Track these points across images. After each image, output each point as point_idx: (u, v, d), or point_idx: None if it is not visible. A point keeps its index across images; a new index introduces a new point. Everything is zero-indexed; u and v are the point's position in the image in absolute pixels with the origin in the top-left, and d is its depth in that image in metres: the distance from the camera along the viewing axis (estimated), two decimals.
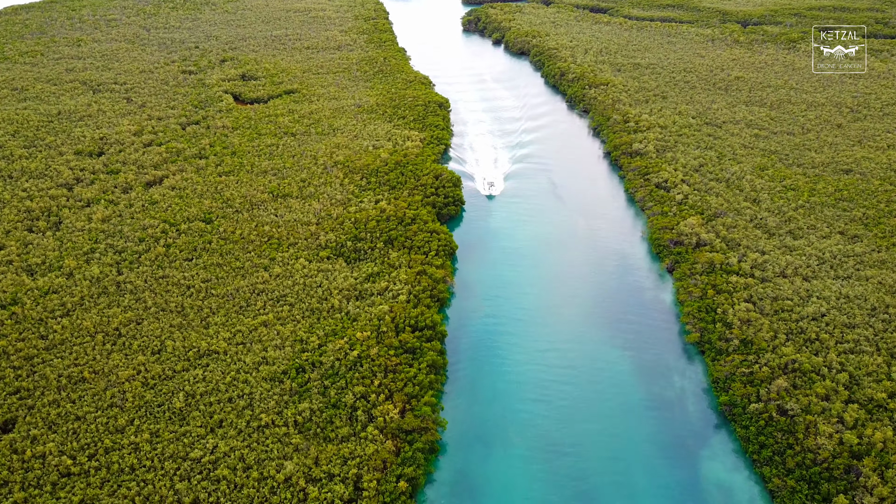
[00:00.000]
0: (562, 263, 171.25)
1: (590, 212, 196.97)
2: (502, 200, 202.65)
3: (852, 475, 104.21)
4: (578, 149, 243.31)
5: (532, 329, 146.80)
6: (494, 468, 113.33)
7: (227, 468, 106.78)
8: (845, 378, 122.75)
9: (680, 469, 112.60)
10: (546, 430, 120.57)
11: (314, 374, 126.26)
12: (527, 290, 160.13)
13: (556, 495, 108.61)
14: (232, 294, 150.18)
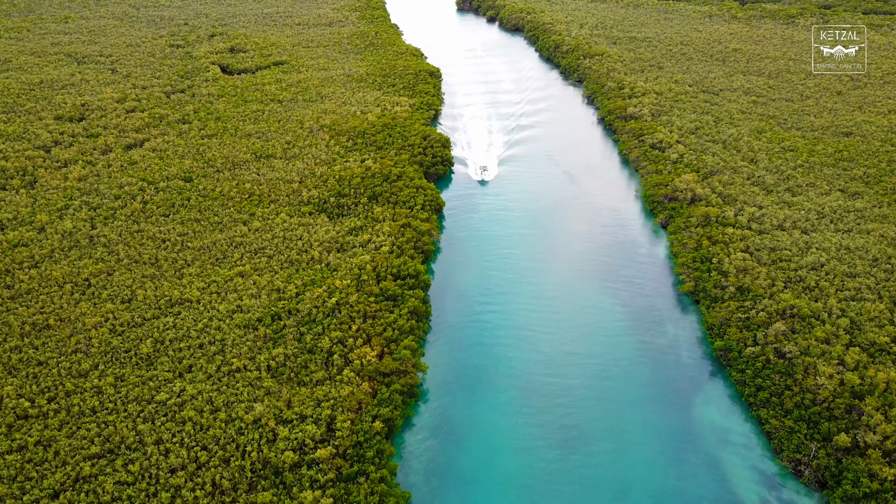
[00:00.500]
0: (552, 221, 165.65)
1: (583, 173, 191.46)
2: (496, 184, 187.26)
3: (854, 415, 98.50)
4: (572, 115, 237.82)
5: (521, 282, 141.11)
6: (478, 414, 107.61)
7: (194, 410, 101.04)
8: (846, 323, 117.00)
9: (673, 414, 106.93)
10: (533, 377, 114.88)
11: (290, 321, 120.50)
12: (516, 247, 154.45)
13: (542, 441, 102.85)
14: (208, 247, 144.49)
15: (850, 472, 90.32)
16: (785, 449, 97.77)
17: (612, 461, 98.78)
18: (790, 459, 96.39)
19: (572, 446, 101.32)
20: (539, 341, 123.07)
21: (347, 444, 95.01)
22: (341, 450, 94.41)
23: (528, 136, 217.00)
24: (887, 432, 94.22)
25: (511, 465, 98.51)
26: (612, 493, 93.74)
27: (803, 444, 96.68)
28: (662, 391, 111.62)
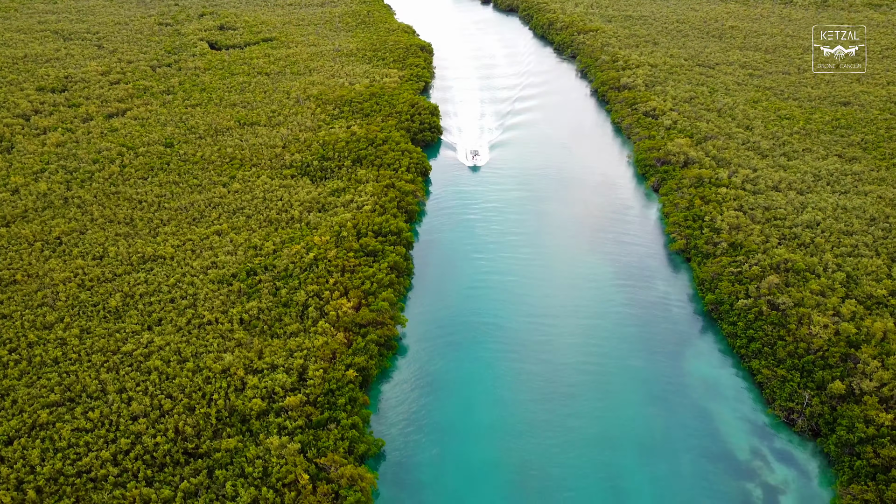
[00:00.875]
0: (541, 185, 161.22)
1: (574, 141, 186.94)
2: (488, 169, 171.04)
3: (850, 363, 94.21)
4: (564, 88, 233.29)
5: (508, 242, 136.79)
6: (459, 367, 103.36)
7: (160, 360, 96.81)
8: (842, 277, 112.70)
9: (662, 367, 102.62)
10: (518, 332, 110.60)
11: (266, 275, 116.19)
12: (505, 209, 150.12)
13: (526, 393, 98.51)
14: (185, 207, 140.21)
15: (844, 418, 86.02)
16: (777, 398, 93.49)
17: (598, 413, 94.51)
18: (782, 408, 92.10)
19: (557, 398, 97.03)
20: (526, 298, 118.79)
21: (318, 392, 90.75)
22: (312, 398, 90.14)
23: (521, 109, 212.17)
24: (884, 379, 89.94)
25: (492, 416, 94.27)
26: (597, 444, 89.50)
27: (796, 392, 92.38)
28: (651, 345, 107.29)
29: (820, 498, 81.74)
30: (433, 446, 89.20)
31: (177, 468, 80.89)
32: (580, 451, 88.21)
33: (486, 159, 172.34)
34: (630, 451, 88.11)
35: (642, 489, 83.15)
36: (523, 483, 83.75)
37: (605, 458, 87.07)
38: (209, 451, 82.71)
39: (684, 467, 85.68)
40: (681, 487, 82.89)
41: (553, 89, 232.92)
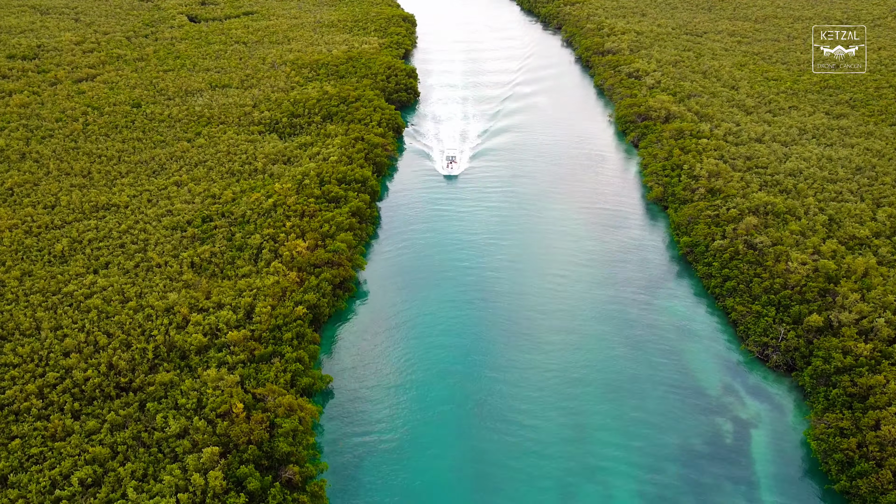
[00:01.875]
0: (516, 139, 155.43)
1: (554, 101, 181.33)
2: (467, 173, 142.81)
3: (828, 298, 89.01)
4: (549, 56, 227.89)
5: (481, 195, 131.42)
6: (419, 313, 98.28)
7: (101, 300, 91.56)
8: (824, 219, 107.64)
9: (633, 309, 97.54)
10: (485, 278, 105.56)
11: (222, 221, 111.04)
12: (478, 162, 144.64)
13: (487, 339, 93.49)
14: (146, 161, 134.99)
15: (821, 350, 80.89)
16: (751, 334, 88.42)
17: (564, 353, 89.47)
18: (757, 344, 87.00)
19: (522, 341, 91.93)
20: (494, 247, 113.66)
21: (264, 328, 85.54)
22: (257, 334, 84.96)
23: (502, 77, 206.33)
24: (864, 312, 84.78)
25: (450, 357, 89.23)
26: (561, 380, 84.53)
27: (771, 327, 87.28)
28: (623, 289, 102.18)
29: (793, 431, 76.71)
30: (386, 386, 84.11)
31: (107, 402, 75.77)
32: (543, 389, 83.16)
33: (462, 166, 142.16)
34: (596, 389, 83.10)
35: (607, 425, 78.13)
36: (481, 419, 78.60)
37: (570, 395, 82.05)
38: (142, 385, 77.55)
39: (651, 404, 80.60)
40: (647, 423, 77.78)
41: (537, 56, 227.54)
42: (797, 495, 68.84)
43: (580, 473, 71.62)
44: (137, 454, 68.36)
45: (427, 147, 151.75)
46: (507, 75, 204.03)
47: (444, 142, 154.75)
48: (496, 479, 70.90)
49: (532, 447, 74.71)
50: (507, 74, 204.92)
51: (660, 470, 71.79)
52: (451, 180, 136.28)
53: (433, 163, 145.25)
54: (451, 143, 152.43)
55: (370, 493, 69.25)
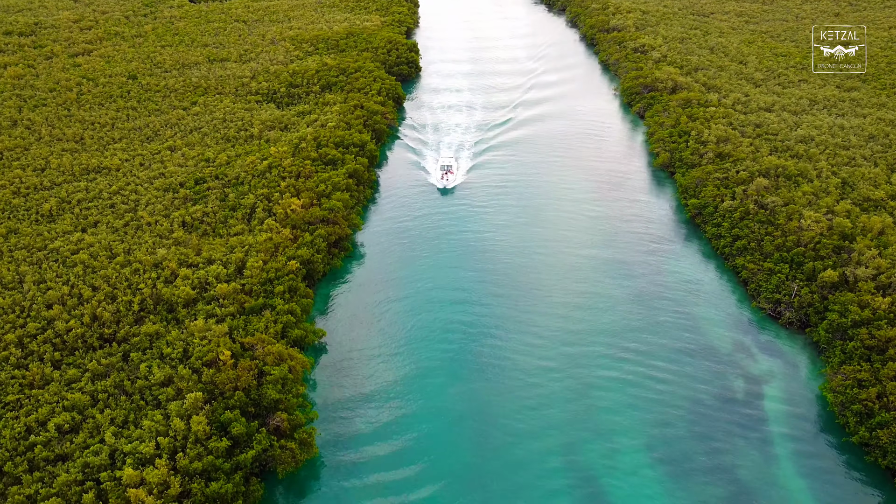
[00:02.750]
0: (519, 114, 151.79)
1: (557, 77, 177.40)
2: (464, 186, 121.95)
3: (843, 255, 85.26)
4: (552, 35, 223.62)
5: (484, 163, 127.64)
6: (417, 272, 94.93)
7: (88, 255, 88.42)
8: (837, 182, 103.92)
9: (640, 270, 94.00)
10: (485, 240, 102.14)
11: (215, 183, 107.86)
12: (479, 135, 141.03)
13: (489, 296, 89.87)
14: (140, 128, 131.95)
15: (837, 304, 77.20)
16: (763, 292, 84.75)
17: (567, 313, 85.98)
18: (768, 301, 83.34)
19: (526, 299, 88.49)
20: (495, 212, 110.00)
21: (255, 282, 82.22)
22: (247, 287, 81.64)
23: (505, 54, 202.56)
24: (881, 267, 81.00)
25: (449, 314, 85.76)
26: (565, 337, 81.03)
27: (784, 284, 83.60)
28: (629, 250, 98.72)
29: (807, 386, 73.10)
30: (382, 341, 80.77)
31: (89, 353, 72.55)
32: (546, 346, 79.56)
33: (459, 178, 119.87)
34: (601, 347, 79.53)
35: (612, 382, 74.55)
36: (481, 375, 75.12)
37: (574, 353, 78.44)
38: (127, 336, 74.32)
39: (658, 361, 76.99)
40: (654, 379, 74.24)
41: (540, 34, 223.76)
42: (813, 448, 65.27)
43: (584, 429, 68.17)
44: (118, 402, 65.11)
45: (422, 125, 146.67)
46: (510, 51, 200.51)
47: (441, 143, 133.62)
48: (497, 434, 67.46)
49: (534, 403, 71.25)
50: (510, 51, 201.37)
51: (668, 424, 68.28)
52: (447, 194, 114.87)
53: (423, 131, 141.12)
54: (447, 151, 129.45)
55: (363, 445, 65.89)
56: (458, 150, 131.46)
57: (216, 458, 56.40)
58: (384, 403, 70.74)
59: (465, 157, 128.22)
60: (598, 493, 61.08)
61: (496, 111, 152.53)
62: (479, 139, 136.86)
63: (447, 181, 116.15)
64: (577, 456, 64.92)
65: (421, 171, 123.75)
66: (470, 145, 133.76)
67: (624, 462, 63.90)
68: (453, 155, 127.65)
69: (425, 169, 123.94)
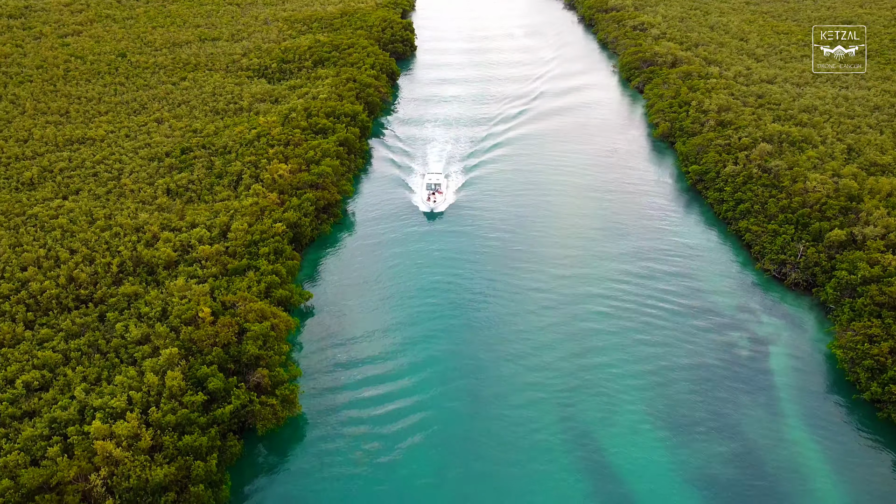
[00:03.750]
0: (515, 90, 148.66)
1: (554, 55, 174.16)
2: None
3: (851, 215, 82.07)
4: (549, 15, 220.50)
5: (479, 138, 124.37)
6: (410, 238, 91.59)
7: (67, 219, 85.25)
8: (843, 148, 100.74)
9: (639, 237, 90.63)
10: (481, 211, 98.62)
11: (202, 152, 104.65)
12: (477, 109, 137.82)
13: (484, 262, 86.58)
14: (127, 102, 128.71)
15: (845, 262, 74.00)
16: (767, 253, 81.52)
17: (565, 274, 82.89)
18: (773, 262, 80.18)
19: (521, 265, 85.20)
20: (491, 183, 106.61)
21: (239, 244, 79.02)
22: (231, 249, 78.44)
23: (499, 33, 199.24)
24: (891, 226, 77.83)
25: (442, 277, 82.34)
26: (560, 300, 77.86)
27: (789, 245, 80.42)
28: (628, 216, 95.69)
29: (814, 346, 69.96)
30: (371, 304, 77.61)
31: (63, 313, 69.30)
32: (540, 310, 76.38)
33: (449, 199, 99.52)
34: (598, 309, 76.29)
35: (611, 343, 71.43)
36: (473, 337, 71.92)
37: (570, 314, 75.31)
38: (104, 297, 71.11)
39: (659, 322, 73.95)
40: (654, 343, 71.08)
41: (537, 14, 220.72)
42: (822, 407, 62.10)
43: (581, 388, 64.93)
44: (92, 360, 61.91)
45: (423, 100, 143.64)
46: (508, 31, 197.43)
47: (428, 162, 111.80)
48: (489, 393, 64.26)
49: (528, 363, 68.00)
50: (506, 30, 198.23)
51: (668, 384, 65.12)
52: (434, 219, 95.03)
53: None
54: (435, 167, 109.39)
55: (348, 405, 62.67)
56: (452, 143, 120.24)
57: (191, 413, 53.20)
58: (372, 364, 67.58)
59: (463, 141, 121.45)
60: (595, 450, 57.92)
61: (492, 85, 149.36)
62: (476, 111, 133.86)
63: (434, 203, 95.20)
64: (573, 414, 61.76)
65: (420, 142, 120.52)
66: (468, 120, 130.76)
67: (623, 420, 60.75)
68: (442, 171, 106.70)
69: (410, 188, 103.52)
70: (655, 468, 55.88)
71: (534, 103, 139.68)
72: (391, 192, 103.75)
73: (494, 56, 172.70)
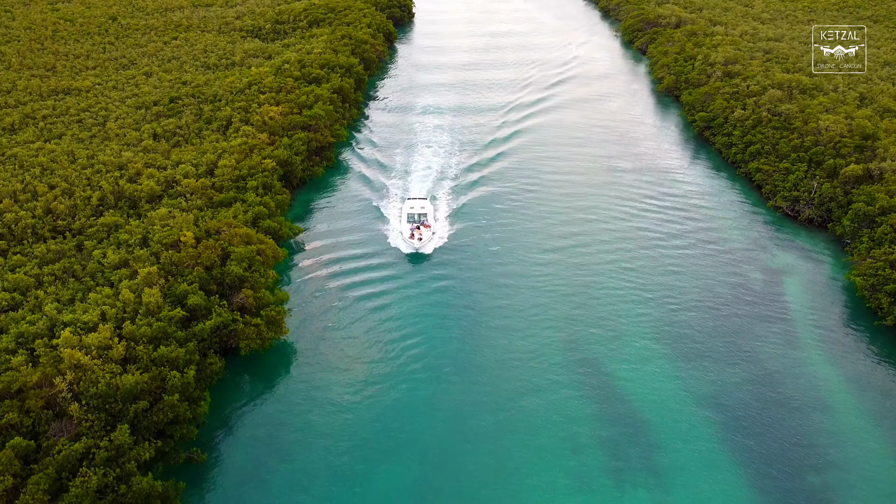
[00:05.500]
0: (518, 58, 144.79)
1: (553, 23, 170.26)
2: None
3: (867, 153, 78.46)
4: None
5: (479, 98, 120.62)
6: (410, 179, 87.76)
7: (48, 158, 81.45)
8: (855, 95, 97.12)
9: (645, 182, 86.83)
10: (483, 163, 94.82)
11: (191, 100, 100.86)
12: (477, 73, 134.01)
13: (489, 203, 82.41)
14: (116, 58, 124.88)
15: (863, 195, 70.40)
16: (780, 191, 77.87)
17: (571, 216, 79.17)
18: (786, 199, 76.58)
19: (523, 205, 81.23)
20: (490, 131, 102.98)
21: (227, 178, 75.32)
22: (218, 184, 74.74)
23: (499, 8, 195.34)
24: None
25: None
26: (564, 237, 73.94)
27: (802, 181, 76.80)
28: (633, 163, 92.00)
29: (831, 277, 66.43)
30: (365, 238, 73.79)
31: (39, 243, 65.55)
32: (543, 251, 72.57)
33: (441, 228, 75.98)
34: (603, 251, 72.54)
35: (618, 279, 67.63)
36: (473, 271, 68.19)
37: (575, 252, 71.61)
38: (83, 228, 67.41)
39: (668, 259, 70.22)
40: (664, 272, 67.48)
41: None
42: (842, 334, 58.55)
43: (586, 321, 61.16)
44: (66, 284, 58.22)
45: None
46: (508, 3, 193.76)
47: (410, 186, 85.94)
48: (490, 325, 60.48)
49: (530, 299, 64.27)
50: (508, 3, 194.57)
51: (678, 316, 61.39)
52: (420, 261, 69.75)
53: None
54: (417, 188, 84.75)
55: (338, 337, 58.93)
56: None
57: (168, 326, 49.53)
58: (366, 299, 63.81)
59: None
60: (608, 381, 54.17)
61: (490, 53, 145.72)
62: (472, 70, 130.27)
63: (421, 240, 69.92)
64: (582, 348, 58.04)
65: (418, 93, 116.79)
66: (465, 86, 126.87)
67: (634, 353, 57.02)
68: (426, 196, 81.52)
69: (387, 220, 78.00)
70: (666, 393, 52.36)
71: (529, 62, 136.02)
72: (393, 139, 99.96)
73: (497, 27, 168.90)
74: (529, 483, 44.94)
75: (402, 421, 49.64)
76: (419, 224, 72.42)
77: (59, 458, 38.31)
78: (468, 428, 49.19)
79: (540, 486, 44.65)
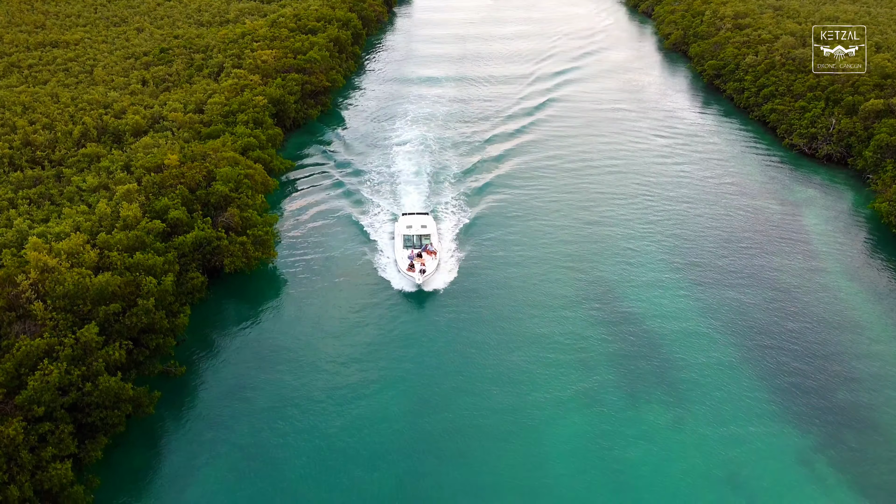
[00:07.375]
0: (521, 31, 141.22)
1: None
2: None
3: (887, 90, 74.78)
4: None
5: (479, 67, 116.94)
6: (400, 130, 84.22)
7: (29, 98, 77.93)
8: (872, 43, 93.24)
9: (653, 131, 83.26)
10: (480, 110, 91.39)
11: (182, 50, 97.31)
12: (481, 45, 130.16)
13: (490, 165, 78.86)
14: (108, 17, 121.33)
15: (885, 126, 66.77)
16: (796, 129, 74.28)
17: (575, 164, 75.36)
18: (803, 136, 72.96)
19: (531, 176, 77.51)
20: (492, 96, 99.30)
21: (216, 114, 71.77)
22: (206, 119, 71.17)
23: None
24: None
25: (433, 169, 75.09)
26: (572, 182, 70.40)
27: (820, 118, 73.18)
28: (640, 114, 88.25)
29: (852, 208, 62.96)
30: (366, 176, 70.27)
31: (16, 171, 61.99)
32: (550, 195, 68.99)
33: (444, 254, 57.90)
34: (612, 193, 68.89)
35: (625, 217, 63.98)
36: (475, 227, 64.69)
37: (583, 192, 68.04)
38: (63, 159, 63.90)
39: (679, 193, 66.61)
40: (676, 200, 63.99)
41: None
42: (867, 261, 55.03)
43: (594, 253, 57.49)
44: (42, 207, 54.68)
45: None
46: None
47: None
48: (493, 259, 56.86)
49: (536, 227, 60.69)
50: None
51: (693, 243, 57.77)
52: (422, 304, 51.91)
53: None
54: (413, 209, 64.17)
55: (329, 264, 55.36)
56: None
57: (146, 236, 45.97)
58: (362, 230, 60.24)
59: None
60: (614, 301, 50.61)
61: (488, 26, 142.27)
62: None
63: (424, 272, 52.34)
64: (588, 269, 54.42)
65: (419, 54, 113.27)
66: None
67: (641, 277, 53.40)
68: (427, 210, 63.14)
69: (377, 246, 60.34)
70: (679, 314, 48.73)
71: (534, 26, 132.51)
72: (392, 91, 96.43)
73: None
74: (535, 397, 41.39)
75: (396, 342, 46.06)
76: (420, 250, 54.73)
77: (18, 355, 34.75)
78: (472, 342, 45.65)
79: (548, 400, 41.11)
